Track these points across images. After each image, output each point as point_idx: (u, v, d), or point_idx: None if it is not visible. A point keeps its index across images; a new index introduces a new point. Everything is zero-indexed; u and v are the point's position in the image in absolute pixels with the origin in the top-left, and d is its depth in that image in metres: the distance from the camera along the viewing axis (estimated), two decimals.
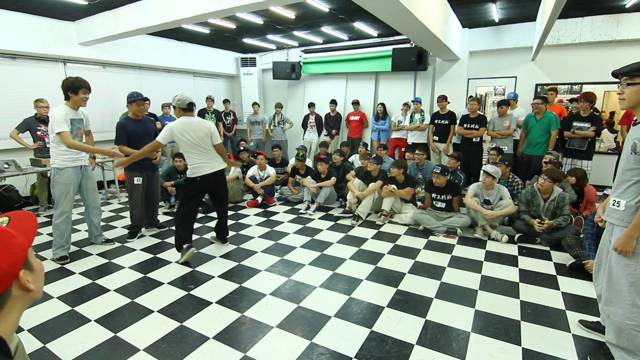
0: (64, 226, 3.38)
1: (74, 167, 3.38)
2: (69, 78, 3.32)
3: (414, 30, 4.40)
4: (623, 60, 6.21)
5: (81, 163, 3.46)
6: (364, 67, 7.66)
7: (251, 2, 3.74)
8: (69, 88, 3.27)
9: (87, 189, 3.57)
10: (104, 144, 6.51)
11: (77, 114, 3.39)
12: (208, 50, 8.25)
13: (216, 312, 2.55)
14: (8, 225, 0.76)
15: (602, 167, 5.86)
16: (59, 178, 3.31)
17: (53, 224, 3.36)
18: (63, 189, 3.33)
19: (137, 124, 3.84)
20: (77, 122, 3.39)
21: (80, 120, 3.43)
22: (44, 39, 5.45)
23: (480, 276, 3.08)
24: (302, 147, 7.04)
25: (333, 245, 3.79)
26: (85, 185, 3.55)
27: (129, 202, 4.03)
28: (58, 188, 3.33)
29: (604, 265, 2.02)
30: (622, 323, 1.82)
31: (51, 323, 2.43)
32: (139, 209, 3.99)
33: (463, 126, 5.59)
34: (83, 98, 3.33)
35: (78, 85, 3.28)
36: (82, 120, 3.47)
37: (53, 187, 3.36)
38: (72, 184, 3.36)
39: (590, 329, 2.28)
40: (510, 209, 3.94)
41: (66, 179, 3.32)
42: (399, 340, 2.21)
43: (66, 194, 3.35)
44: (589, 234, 3.05)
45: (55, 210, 3.36)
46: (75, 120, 3.36)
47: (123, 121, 3.83)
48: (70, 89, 3.27)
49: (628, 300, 1.79)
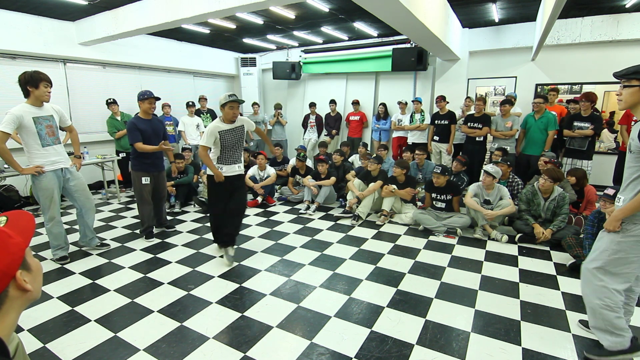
0: (56, 230, 3.29)
1: (53, 170, 3.18)
2: (26, 72, 3.00)
3: (414, 30, 4.40)
4: (623, 60, 6.23)
5: (61, 165, 3.25)
6: (364, 67, 7.66)
7: (251, 2, 3.74)
8: (28, 82, 2.97)
9: (74, 191, 3.37)
10: (104, 144, 6.55)
11: (42, 110, 3.10)
12: (208, 50, 8.26)
13: (216, 312, 2.55)
14: (5, 225, 0.75)
15: (602, 167, 5.86)
16: (38, 183, 3.14)
17: (45, 229, 3.29)
18: (46, 194, 3.16)
19: (147, 123, 3.76)
20: (44, 120, 3.10)
21: (49, 117, 3.14)
22: (44, 39, 5.45)
23: (480, 276, 3.08)
24: (302, 147, 7.05)
25: (333, 245, 3.79)
26: (70, 188, 3.35)
27: (137, 203, 3.96)
28: (41, 194, 3.16)
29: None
30: (593, 303, 1.97)
31: (51, 323, 2.43)
32: (150, 209, 3.95)
33: (467, 125, 5.58)
34: (44, 92, 3.03)
35: (38, 78, 2.99)
36: (52, 116, 3.17)
37: (36, 192, 3.19)
38: (54, 188, 3.18)
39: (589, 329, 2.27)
40: (510, 208, 3.94)
41: (46, 184, 3.14)
42: (399, 340, 2.21)
43: (50, 199, 3.18)
44: (589, 234, 3.04)
45: (44, 215, 3.24)
46: (41, 117, 3.08)
47: (134, 120, 3.75)
48: (29, 83, 2.97)
49: (598, 282, 1.95)
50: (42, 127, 3.10)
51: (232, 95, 3.18)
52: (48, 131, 3.14)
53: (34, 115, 3.05)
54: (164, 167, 4.09)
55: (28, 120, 3.01)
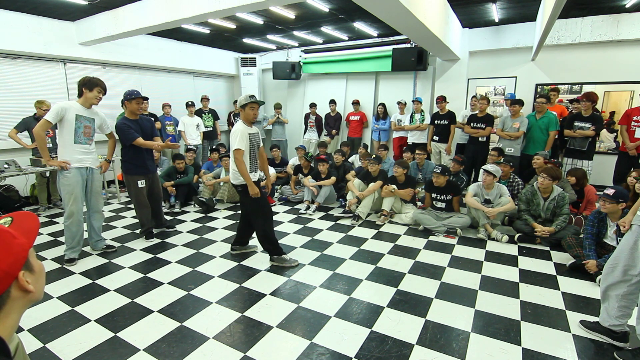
0: (74, 228, 3.30)
1: (79, 167, 3.28)
2: (86, 76, 3.27)
3: (414, 30, 4.40)
4: (623, 60, 6.21)
5: (87, 164, 3.35)
6: (364, 67, 7.65)
7: (251, 2, 3.73)
8: (84, 84, 3.20)
9: (91, 192, 3.46)
10: (105, 144, 6.50)
11: (88, 112, 3.29)
12: (208, 50, 8.25)
13: (216, 312, 2.55)
14: (10, 225, 0.76)
15: (602, 167, 5.85)
16: (63, 178, 3.24)
17: (64, 225, 3.31)
18: (67, 190, 3.24)
19: (134, 124, 3.68)
20: (85, 120, 3.27)
21: (90, 120, 3.32)
22: (44, 39, 5.45)
23: (480, 276, 3.08)
24: (302, 147, 7.05)
25: (333, 245, 3.79)
26: (89, 188, 3.44)
27: (135, 206, 3.93)
28: (63, 189, 3.26)
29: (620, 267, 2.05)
30: None
31: (51, 323, 2.43)
32: (148, 211, 3.92)
33: (470, 125, 5.56)
34: (96, 96, 3.24)
35: (94, 83, 3.22)
36: (94, 120, 3.36)
37: (59, 187, 3.29)
38: (77, 185, 3.26)
39: (590, 330, 2.28)
40: (510, 205, 3.95)
41: (69, 180, 3.23)
42: (399, 340, 2.21)
43: (70, 195, 3.25)
44: (589, 234, 3.04)
45: (65, 211, 3.29)
46: (83, 117, 3.25)
47: (122, 120, 3.64)
48: (85, 85, 3.20)
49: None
50: (81, 125, 3.24)
51: (252, 97, 3.11)
52: (85, 131, 3.29)
53: (79, 112, 3.21)
54: (156, 169, 4.04)
55: (71, 115, 3.16)
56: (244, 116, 3.14)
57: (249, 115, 3.12)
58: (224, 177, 5.48)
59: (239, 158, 3.04)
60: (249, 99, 3.10)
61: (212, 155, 6.01)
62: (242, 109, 3.13)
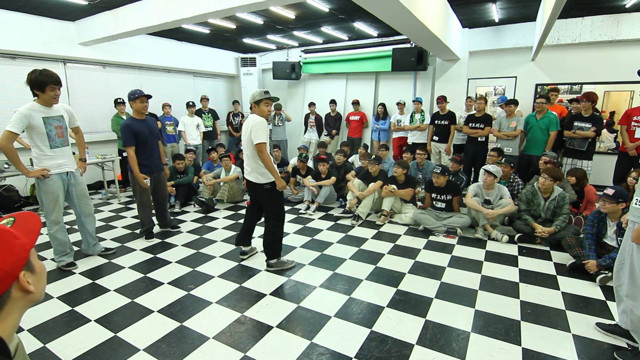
0: (61, 235, 3.17)
1: (59, 173, 3.07)
2: (33, 71, 2.78)
3: (414, 30, 4.40)
4: (623, 60, 6.20)
5: (67, 169, 3.13)
6: (364, 67, 7.65)
7: (251, 2, 3.74)
8: (34, 86, 2.80)
9: (76, 197, 3.26)
10: (105, 144, 6.55)
11: (52, 110, 2.96)
12: (208, 50, 8.26)
13: (216, 312, 2.55)
14: (13, 226, 0.76)
15: (602, 167, 5.85)
16: (43, 186, 3.02)
17: (49, 234, 3.15)
18: (50, 198, 3.04)
19: (142, 123, 3.65)
20: (54, 121, 2.97)
21: (59, 118, 3.01)
22: (44, 39, 5.46)
23: (480, 276, 3.08)
24: (304, 147, 7.05)
25: (333, 245, 3.79)
26: (73, 193, 3.23)
27: (138, 206, 3.91)
28: (45, 197, 3.04)
29: (626, 264, 2.04)
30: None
31: (51, 323, 2.43)
32: (150, 211, 3.89)
33: (468, 125, 5.57)
34: (52, 96, 2.87)
35: (43, 81, 2.79)
36: (63, 117, 3.05)
37: (39, 195, 3.06)
38: (59, 191, 3.07)
39: (608, 332, 2.24)
40: (510, 207, 3.94)
41: (51, 187, 3.03)
42: (399, 340, 2.21)
43: (55, 203, 3.06)
44: (589, 234, 3.05)
45: (47, 219, 3.11)
46: (51, 118, 2.94)
47: (128, 122, 3.61)
48: (35, 87, 2.80)
49: None
50: (52, 127, 2.97)
51: (267, 92, 3.01)
52: (58, 132, 3.02)
53: (44, 115, 2.91)
54: (162, 167, 4.02)
55: (38, 120, 2.87)
56: (259, 112, 3.01)
57: (264, 112, 3.00)
58: (224, 177, 5.48)
59: (264, 152, 2.88)
60: (264, 94, 2.99)
61: (211, 155, 6.01)
62: (257, 104, 3.00)
